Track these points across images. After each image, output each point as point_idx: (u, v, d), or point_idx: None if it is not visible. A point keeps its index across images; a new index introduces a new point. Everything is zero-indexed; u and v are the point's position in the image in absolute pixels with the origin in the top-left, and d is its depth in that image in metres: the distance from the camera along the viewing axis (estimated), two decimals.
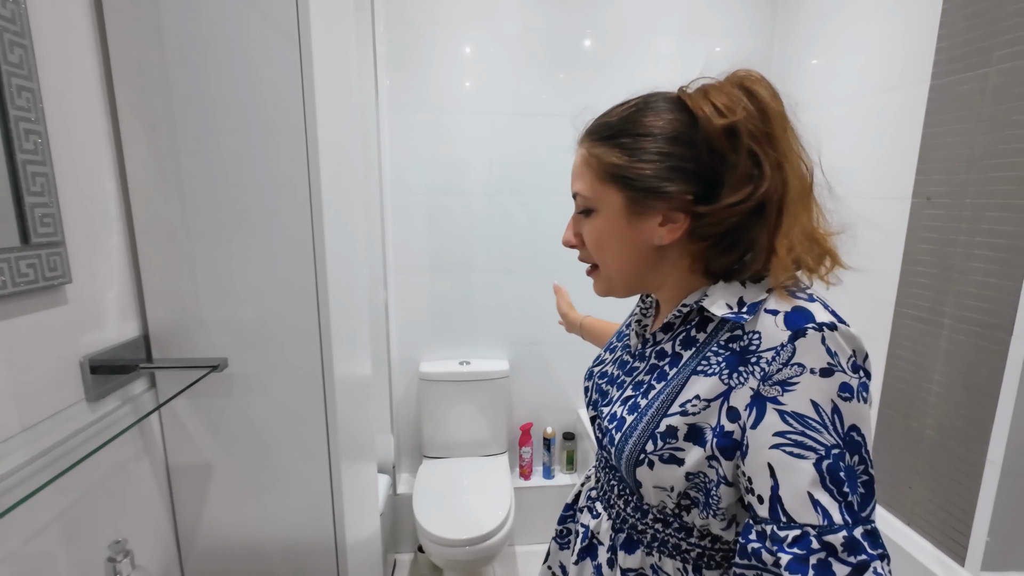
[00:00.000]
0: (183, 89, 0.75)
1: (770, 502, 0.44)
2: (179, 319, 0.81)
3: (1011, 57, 1.11)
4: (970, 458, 1.23)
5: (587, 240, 0.60)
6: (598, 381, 0.68)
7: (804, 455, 0.44)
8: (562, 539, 0.78)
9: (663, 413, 0.53)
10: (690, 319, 0.58)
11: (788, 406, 0.45)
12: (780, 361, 0.46)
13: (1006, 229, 1.13)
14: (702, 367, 0.53)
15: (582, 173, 0.59)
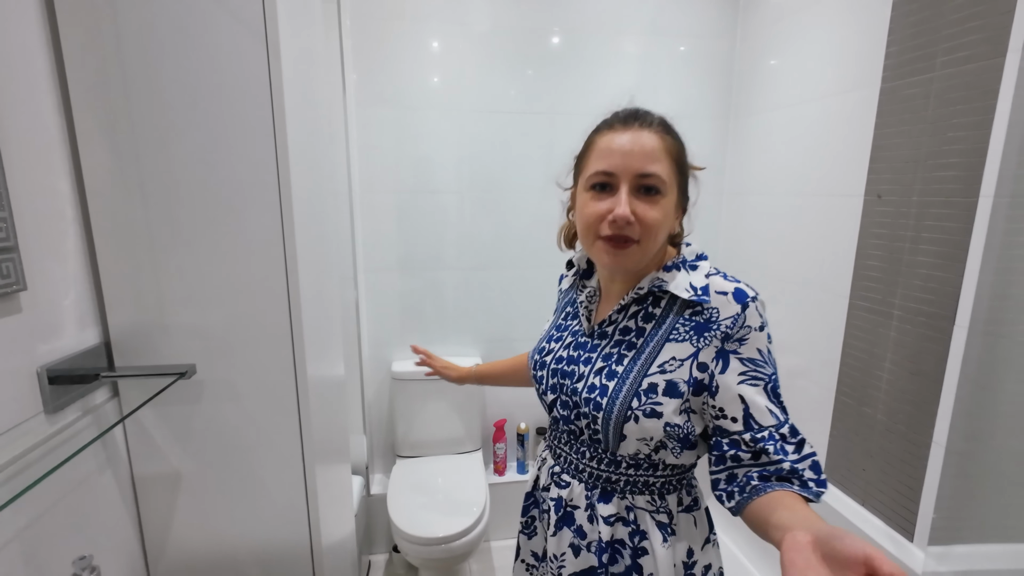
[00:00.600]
0: (142, 84, 0.72)
1: (744, 419, 0.63)
2: (142, 325, 0.78)
3: (953, 63, 1.18)
4: (917, 440, 1.32)
5: (647, 218, 0.65)
6: (555, 367, 0.77)
7: (758, 383, 0.64)
8: (528, 529, 0.86)
9: (643, 374, 0.67)
10: (645, 300, 0.72)
11: (744, 354, 0.65)
12: (737, 326, 0.65)
13: (949, 225, 1.21)
14: (674, 335, 0.67)
15: (661, 157, 0.66)
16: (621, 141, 0.66)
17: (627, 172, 0.65)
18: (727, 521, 2.04)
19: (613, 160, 0.65)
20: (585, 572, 0.73)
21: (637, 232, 0.65)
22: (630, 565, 0.71)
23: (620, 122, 0.68)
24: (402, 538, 1.59)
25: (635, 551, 0.71)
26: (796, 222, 1.72)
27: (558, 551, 0.76)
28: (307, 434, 0.85)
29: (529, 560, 0.86)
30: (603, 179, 0.67)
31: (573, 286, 0.86)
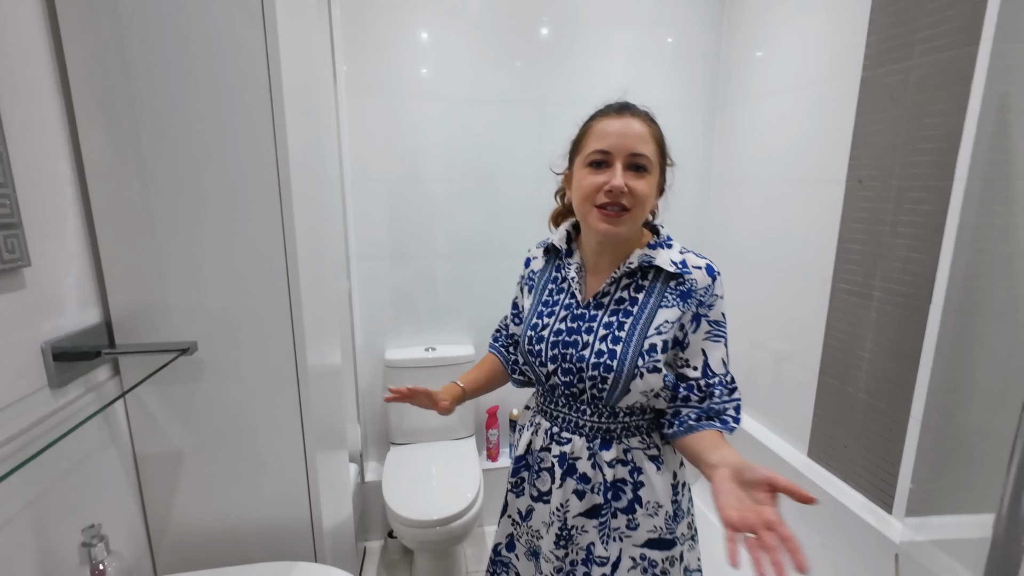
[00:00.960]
0: (142, 68, 0.72)
1: (702, 368, 0.81)
2: (143, 305, 0.79)
3: (929, 51, 1.22)
4: (896, 416, 1.37)
5: (637, 190, 0.77)
6: (554, 339, 0.85)
7: (718, 340, 0.82)
8: (517, 488, 0.95)
9: (644, 336, 0.79)
10: (634, 274, 0.83)
11: (712, 317, 0.81)
12: (709, 294, 0.81)
13: (926, 208, 1.25)
14: (664, 303, 0.81)
15: (648, 140, 0.78)
16: (616, 125, 0.78)
17: (621, 151, 0.76)
18: None
19: (609, 141, 0.77)
20: (591, 510, 0.85)
21: (629, 201, 0.76)
22: (632, 498, 0.84)
23: (614, 111, 0.81)
24: (398, 521, 1.61)
25: (635, 485, 0.84)
26: (781, 209, 1.76)
27: (563, 499, 0.85)
28: (307, 412, 0.86)
29: (515, 517, 0.96)
30: (600, 157, 0.78)
31: (549, 266, 0.94)
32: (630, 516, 0.84)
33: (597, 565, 0.85)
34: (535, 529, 0.92)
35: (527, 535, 0.93)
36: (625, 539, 0.85)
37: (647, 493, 0.84)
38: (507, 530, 0.98)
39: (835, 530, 1.50)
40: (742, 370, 1.93)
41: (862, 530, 1.41)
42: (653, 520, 0.84)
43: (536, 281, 0.96)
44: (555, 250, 0.94)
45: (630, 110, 0.80)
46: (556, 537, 0.86)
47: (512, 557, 0.98)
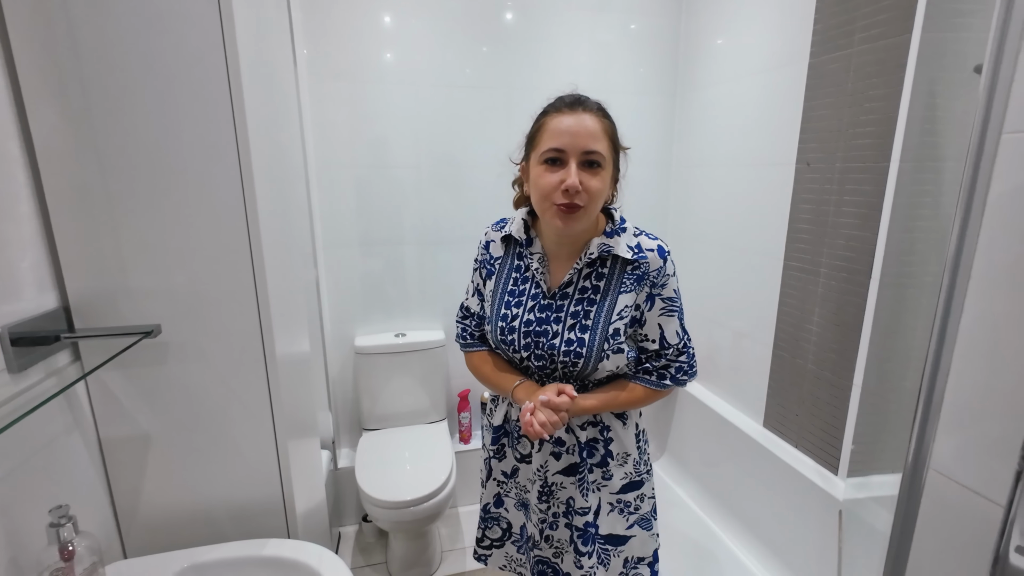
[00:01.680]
0: (92, 46, 0.71)
1: (659, 340, 0.90)
2: (103, 288, 0.78)
3: (868, 40, 1.29)
4: (841, 384, 1.47)
5: (591, 188, 0.80)
6: (525, 329, 0.90)
7: (672, 314, 0.89)
8: (499, 454, 1.03)
9: (608, 322, 0.86)
10: (594, 263, 0.88)
11: (664, 294, 0.88)
12: (661, 275, 0.87)
13: (866, 189, 1.34)
14: (624, 288, 0.87)
15: (601, 137, 0.81)
16: (568, 123, 0.80)
17: (575, 149, 0.79)
18: (684, 475, 2.19)
19: (563, 139, 0.79)
20: (568, 468, 0.94)
21: (584, 199, 0.80)
22: (604, 453, 0.94)
23: (567, 106, 0.82)
24: (372, 504, 1.63)
25: (605, 441, 0.94)
26: (737, 191, 1.83)
27: (542, 461, 0.94)
28: (275, 388, 0.88)
29: (500, 478, 1.04)
30: (554, 155, 0.80)
31: (509, 254, 0.96)
32: (604, 469, 0.95)
33: (579, 515, 0.94)
34: (522, 484, 1.01)
35: (516, 489, 1.03)
36: (602, 489, 0.96)
37: (616, 446, 0.95)
38: (494, 491, 1.06)
39: (787, 492, 1.60)
40: (704, 348, 2.02)
41: (810, 490, 1.51)
42: (624, 468, 0.96)
43: (497, 269, 0.97)
44: (513, 239, 0.96)
45: (583, 105, 0.82)
46: (539, 492, 0.96)
47: (501, 511, 1.06)
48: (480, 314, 1.02)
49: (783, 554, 1.64)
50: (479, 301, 1.03)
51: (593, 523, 0.96)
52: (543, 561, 1.01)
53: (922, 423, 0.54)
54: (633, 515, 1.00)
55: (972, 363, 0.51)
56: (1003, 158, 0.44)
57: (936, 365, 0.52)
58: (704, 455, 2.06)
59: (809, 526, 1.51)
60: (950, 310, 0.51)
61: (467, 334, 1.05)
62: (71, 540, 0.65)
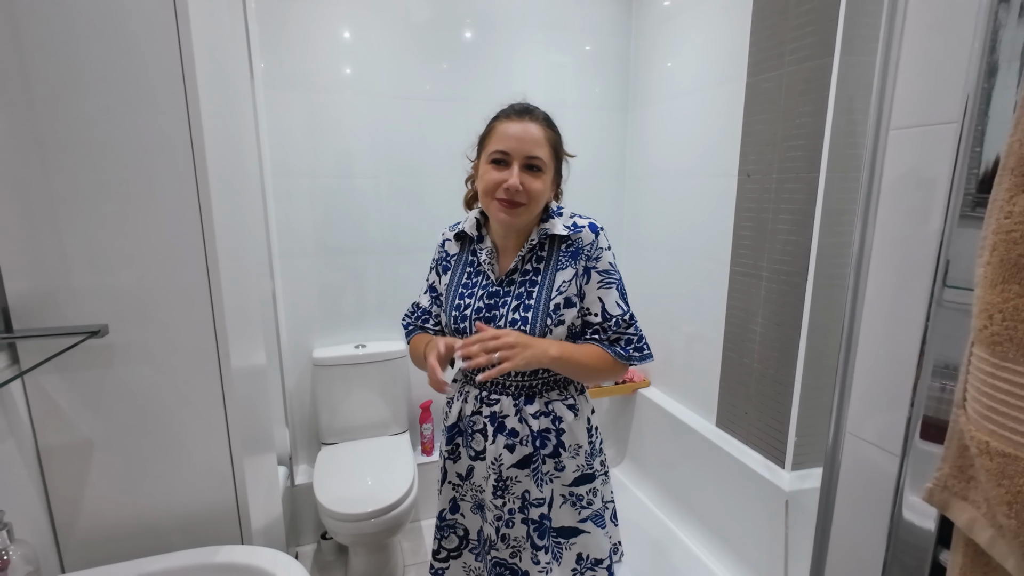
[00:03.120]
0: (35, 41, 0.70)
1: (601, 312, 0.94)
2: (44, 288, 0.76)
3: (795, 62, 1.41)
4: (783, 381, 1.55)
5: (531, 188, 0.89)
6: (475, 317, 0.96)
7: (611, 286, 0.94)
8: (453, 455, 1.05)
9: (548, 299, 0.92)
10: (535, 249, 0.96)
11: (600, 267, 0.94)
12: (595, 248, 0.94)
13: (799, 197, 1.44)
14: (560, 266, 0.94)
15: (543, 144, 0.91)
16: (515, 129, 0.89)
17: (519, 153, 0.88)
18: (643, 478, 2.24)
19: (509, 143, 0.89)
20: (522, 460, 0.96)
21: (524, 197, 0.89)
22: (556, 444, 0.97)
23: (516, 114, 0.92)
24: (331, 517, 1.60)
25: (557, 432, 0.97)
26: (686, 201, 1.93)
27: (496, 454, 0.96)
28: (229, 392, 0.86)
29: (455, 480, 1.05)
30: (500, 156, 0.90)
31: (464, 251, 1.04)
32: (556, 459, 0.97)
33: (534, 506, 0.96)
34: (477, 484, 1.02)
35: (471, 491, 1.03)
36: (555, 480, 0.98)
37: (568, 438, 0.97)
38: (449, 495, 1.06)
39: (738, 486, 1.67)
40: (659, 351, 2.09)
41: (759, 483, 1.58)
42: (576, 460, 0.98)
43: (452, 264, 1.05)
44: (467, 236, 1.04)
45: (530, 114, 0.92)
46: (494, 488, 0.97)
47: (457, 517, 1.07)
48: (427, 308, 1.09)
49: (735, 545, 1.70)
50: (430, 298, 1.09)
51: (548, 515, 0.97)
52: (500, 563, 1.01)
53: (840, 393, 0.60)
54: (585, 509, 1.00)
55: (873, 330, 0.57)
56: (892, 150, 0.51)
57: (849, 337, 0.58)
58: (661, 457, 2.12)
59: (758, 517, 1.58)
60: (859, 278, 0.57)
61: (410, 324, 1.12)
62: (6, 548, 0.61)
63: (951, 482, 0.43)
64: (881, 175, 0.51)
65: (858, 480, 0.59)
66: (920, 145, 0.48)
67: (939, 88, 0.48)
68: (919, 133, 0.48)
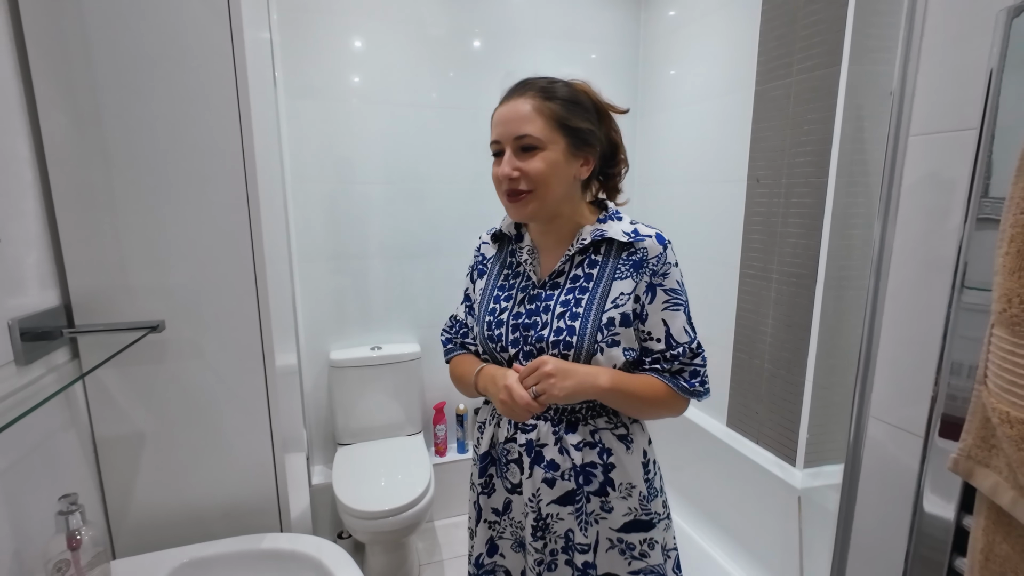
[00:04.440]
0: (105, 56, 0.75)
1: (666, 338, 0.81)
2: (104, 286, 0.80)
3: (804, 71, 1.46)
4: (794, 381, 1.59)
5: (529, 169, 0.76)
6: (514, 322, 0.83)
7: (678, 308, 0.81)
8: (487, 488, 0.90)
9: (601, 311, 0.79)
10: (587, 250, 0.83)
11: (667, 285, 0.81)
12: (661, 263, 0.81)
13: (808, 201, 1.49)
14: (618, 275, 0.81)
15: (533, 119, 0.76)
16: (501, 112, 0.79)
17: (507, 137, 0.77)
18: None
19: (498, 130, 0.79)
20: (563, 497, 0.82)
21: (527, 183, 0.77)
22: (603, 480, 0.81)
23: (506, 96, 0.81)
24: (350, 515, 1.63)
25: (605, 467, 0.81)
26: (695, 205, 1.98)
27: (534, 489, 0.82)
28: (272, 387, 0.90)
29: (491, 518, 0.90)
30: (496, 147, 0.80)
31: (502, 252, 0.92)
32: (603, 499, 0.82)
33: (579, 552, 0.82)
34: (517, 520, 0.88)
35: (511, 527, 0.89)
36: (601, 521, 0.83)
37: (618, 475, 0.82)
38: (485, 535, 0.91)
39: (750, 484, 1.71)
40: None
41: (771, 481, 1.61)
42: (627, 502, 0.82)
43: (488, 267, 0.93)
44: (505, 236, 0.92)
45: (519, 89, 0.79)
46: (533, 528, 0.83)
47: (496, 559, 0.92)
48: (464, 320, 0.96)
49: (748, 543, 1.73)
50: (466, 308, 0.97)
51: (592, 563, 0.82)
52: None
53: (863, 378, 0.64)
54: (638, 561, 0.83)
55: (896, 322, 0.61)
56: (911, 155, 0.55)
57: (871, 329, 0.62)
58: (673, 459, 2.15)
59: (771, 515, 1.62)
60: (880, 273, 0.62)
61: (450, 341, 0.98)
62: (79, 529, 0.65)
63: (974, 451, 0.47)
64: (901, 178, 0.56)
65: (883, 459, 0.63)
66: (940, 150, 0.53)
67: (957, 97, 0.52)
68: (939, 139, 0.53)
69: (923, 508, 0.56)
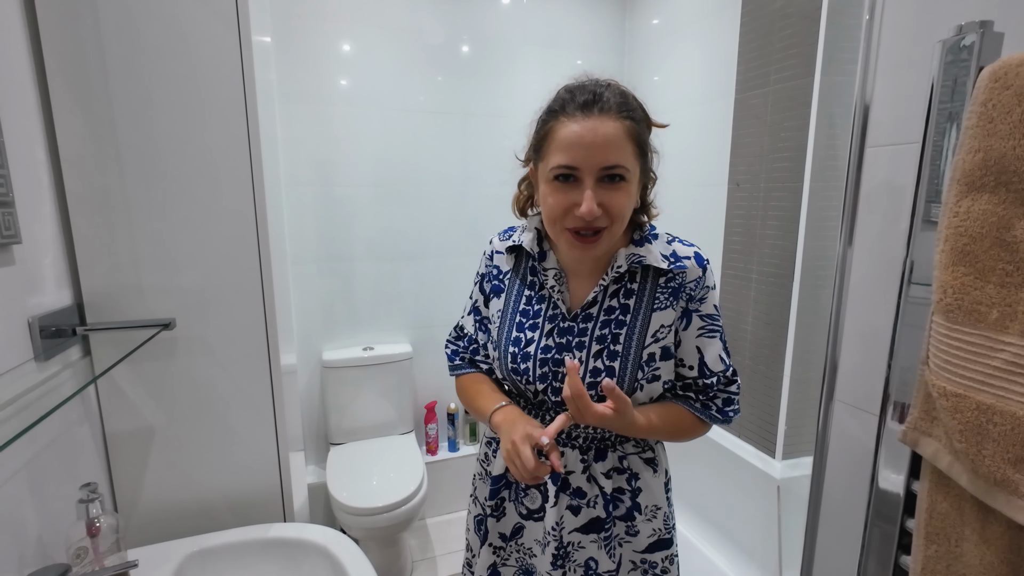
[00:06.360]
0: (119, 64, 0.78)
1: (699, 366, 0.75)
2: (116, 286, 0.83)
3: (780, 80, 1.54)
4: (773, 376, 1.67)
5: (613, 207, 0.66)
6: (542, 356, 0.75)
7: (714, 335, 0.75)
8: (497, 511, 0.83)
9: (641, 347, 0.72)
10: (622, 278, 0.75)
11: (703, 311, 0.74)
12: (700, 287, 0.74)
13: (785, 205, 1.57)
14: (657, 305, 0.73)
15: (623, 144, 0.65)
16: (582, 133, 0.64)
17: (591, 166, 0.64)
18: None
19: (575, 154, 0.65)
20: (589, 524, 0.77)
21: (606, 220, 0.66)
22: (630, 506, 0.78)
23: (579, 109, 0.66)
24: (344, 512, 1.66)
25: (633, 492, 0.78)
26: (679, 209, 2.05)
27: (557, 517, 0.77)
28: (277, 383, 0.94)
29: (497, 543, 0.84)
30: (566, 171, 0.66)
31: (521, 268, 0.81)
32: (629, 523, 0.78)
33: None
34: (527, 547, 0.82)
35: (517, 553, 0.84)
36: (625, 545, 0.79)
37: (645, 498, 0.78)
38: (488, 560, 0.84)
39: (732, 476, 1.78)
40: None
41: (752, 472, 1.69)
42: (652, 524, 0.79)
43: (507, 285, 0.82)
44: (524, 251, 0.81)
45: (599, 104, 0.66)
46: (553, 557, 0.78)
47: None
48: (473, 336, 0.87)
49: (730, 532, 1.80)
50: (475, 321, 0.87)
51: None
52: None
53: (831, 366, 0.71)
54: None
55: (857, 312, 0.68)
56: (868, 164, 0.62)
57: (837, 318, 0.69)
58: None
59: (752, 505, 1.69)
60: (844, 272, 0.68)
61: (457, 356, 0.89)
62: (99, 516, 0.68)
63: (920, 423, 0.54)
64: (860, 185, 0.62)
65: (846, 437, 0.69)
66: (892, 160, 0.60)
67: (905, 113, 0.59)
68: (891, 151, 0.59)
69: (878, 477, 0.63)
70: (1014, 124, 0.47)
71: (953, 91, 0.52)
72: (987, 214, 0.48)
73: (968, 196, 0.49)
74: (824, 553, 0.88)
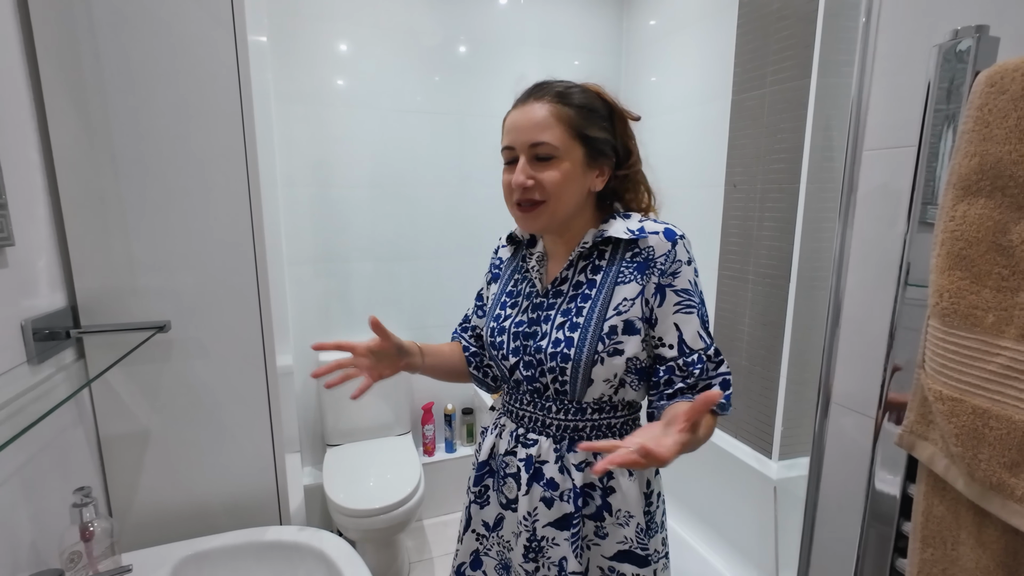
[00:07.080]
0: (115, 68, 0.78)
1: (678, 345, 0.73)
2: (110, 289, 0.83)
3: (777, 82, 1.54)
4: (770, 377, 1.67)
5: (546, 181, 0.72)
6: (515, 331, 0.80)
7: (691, 311, 0.73)
8: (481, 498, 0.86)
9: (603, 319, 0.74)
10: (591, 255, 0.78)
11: (677, 286, 0.73)
12: (670, 261, 0.73)
13: (781, 206, 1.57)
14: (621, 279, 0.75)
15: (551, 125, 0.72)
16: (516, 117, 0.75)
17: (521, 144, 0.73)
18: None
19: (511, 136, 0.74)
20: (560, 520, 0.77)
21: (540, 193, 0.73)
22: (600, 505, 0.77)
23: (520, 99, 0.77)
24: (341, 513, 1.65)
25: (604, 491, 0.77)
26: (676, 210, 2.04)
27: (530, 507, 0.78)
28: (273, 385, 0.94)
29: (480, 530, 0.87)
30: (509, 154, 0.75)
31: (515, 256, 0.89)
32: (598, 524, 0.78)
33: None
34: (506, 540, 0.84)
35: (498, 545, 0.86)
36: (593, 547, 0.79)
37: (617, 500, 0.77)
38: (471, 547, 0.88)
39: (729, 476, 1.78)
40: None
41: (748, 473, 1.69)
42: (623, 530, 0.78)
43: (502, 271, 0.90)
44: (520, 240, 0.89)
45: (536, 93, 0.76)
46: (524, 549, 0.79)
47: (478, 575, 0.88)
48: (469, 317, 0.95)
49: (727, 533, 1.80)
50: (476, 305, 0.95)
51: None
52: None
53: (827, 369, 0.71)
54: None
55: (853, 315, 0.68)
56: (865, 167, 0.62)
57: (835, 320, 0.69)
58: None
59: (749, 505, 1.69)
60: (840, 274, 0.68)
61: (454, 334, 0.97)
62: (92, 520, 0.68)
63: (916, 427, 0.54)
64: (856, 188, 0.63)
65: (843, 439, 0.70)
66: (888, 164, 0.60)
67: (901, 118, 0.59)
68: (887, 154, 0.59)
69: (875, 479, 0.63)
70: (1010, 128, 0.47)
71: (949, 95, 0.52)
72: (983, 218, 0.48)
73: (964, 200, 0.49)
74: (820, 554, 0.89)
